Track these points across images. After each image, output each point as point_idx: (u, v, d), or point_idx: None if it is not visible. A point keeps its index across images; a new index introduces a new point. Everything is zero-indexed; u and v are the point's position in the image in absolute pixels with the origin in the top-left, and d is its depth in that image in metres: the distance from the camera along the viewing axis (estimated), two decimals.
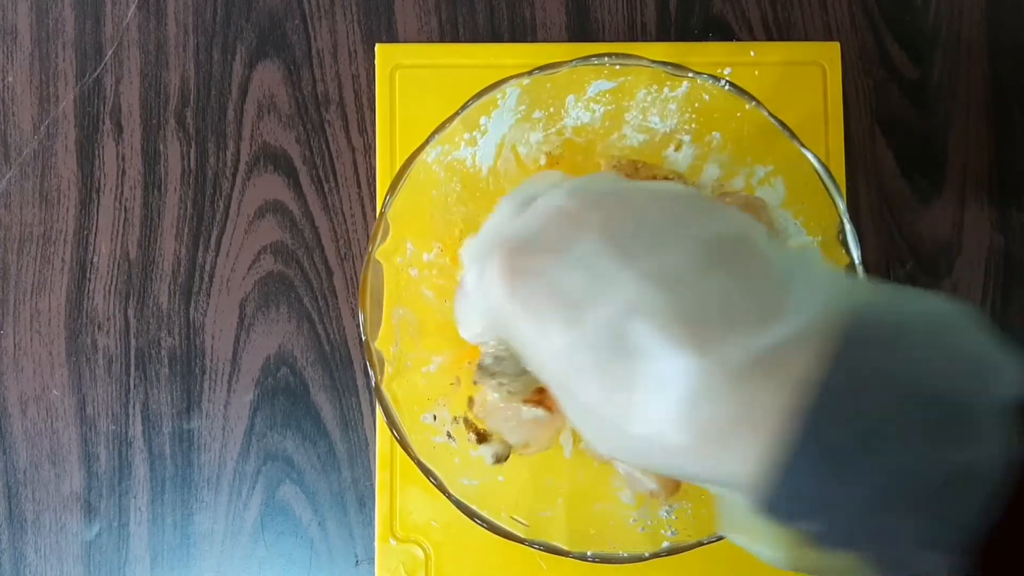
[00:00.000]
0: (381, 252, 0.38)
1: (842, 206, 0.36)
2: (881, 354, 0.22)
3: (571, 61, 0.37)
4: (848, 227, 0.36)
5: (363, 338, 0.37)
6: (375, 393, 0.37)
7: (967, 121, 0.50)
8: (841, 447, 0.22)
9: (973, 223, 0.50)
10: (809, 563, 0.25)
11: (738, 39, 0.50)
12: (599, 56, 0.37)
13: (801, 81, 0.49)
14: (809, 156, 0.37)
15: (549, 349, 0.26)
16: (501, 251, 0.27)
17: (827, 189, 0.37)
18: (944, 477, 0.21)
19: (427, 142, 0.37)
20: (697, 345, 0.23)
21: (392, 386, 0.38)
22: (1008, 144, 0.50)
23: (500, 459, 0.40)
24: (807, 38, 0.50)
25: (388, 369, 0.38)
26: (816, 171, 0.37)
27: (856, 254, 0.36)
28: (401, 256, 0.40)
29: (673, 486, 0.39)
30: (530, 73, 0.37)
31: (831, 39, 0.50)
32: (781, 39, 0.50)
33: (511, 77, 0.37)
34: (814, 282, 0.25)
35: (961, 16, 0.51)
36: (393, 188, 0.37)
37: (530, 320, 0.26)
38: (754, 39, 0.50)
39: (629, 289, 0.25)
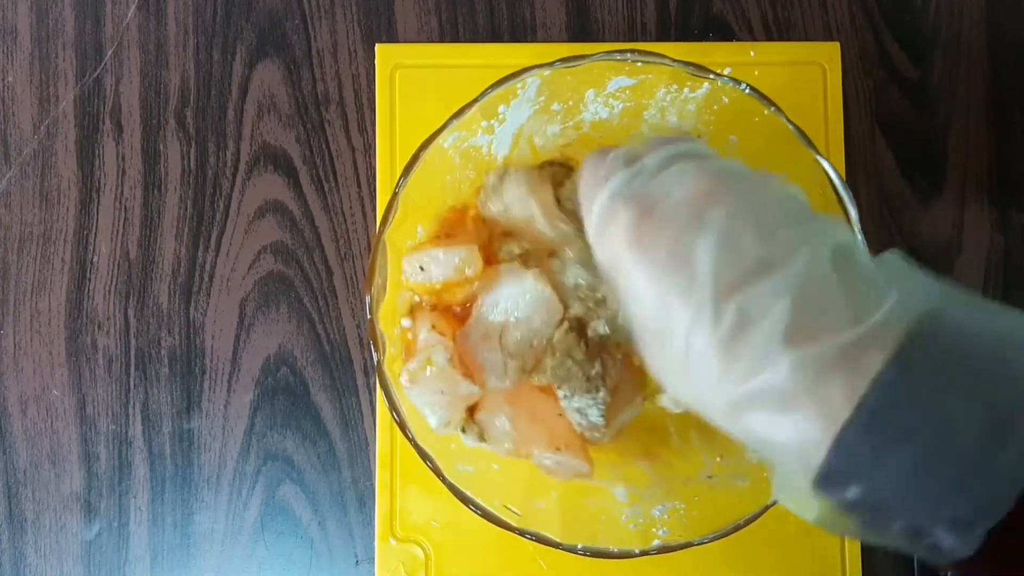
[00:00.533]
0: (391, 234, 0.38)
1: (854, 215, 0.36)
2: (943, 356, 0.25)
3: (593, 55, 0.37)
4: (859, 238, 0.36)
5: (368, 316, 0.37)
6: (376, 371, 0.37)
7: (967, 121, 0.50)
8: (889, 430, 0.25)
9: (973, 223, 0.50)
10: (845, 527, 0.28)
11: (738, 39, 0.50)
12: (622, 52, 0.37)
13: (801, 81, 0.49)
14: (825, 165, 0.37)
15: (655, 303, 0.28)
16: (630, 207, 0.29)
17: (840, 199, 0.37)
18: (976, 463, 0.24)
19: (444, 126, 0.37)
20: (795, 342, 0.26)
21: (394, 367, 0.38)
22: (1008, 144, 0.50)
23: (471, 432, 0.40)
24: (807, 38, 0.50)
25: (391, 350, 0.38)
26: (831, 180, 0.37)
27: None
28: (411, 239, 0.40)
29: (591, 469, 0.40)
30: (551, 64, 0.37)
31: (831, 39, 0.50)
32: (781, 39, 0.50)
33: (532, 67, 0.37)
34: (901, 284, 0.28)
35: (961, 16, 0.51)
36: (408, 170, 0.37)
37: (647, 274, 0.29)
38: (754, 39, 0.50)
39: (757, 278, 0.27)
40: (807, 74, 0.49)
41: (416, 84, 0.49)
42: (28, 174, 0.49)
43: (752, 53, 0.49)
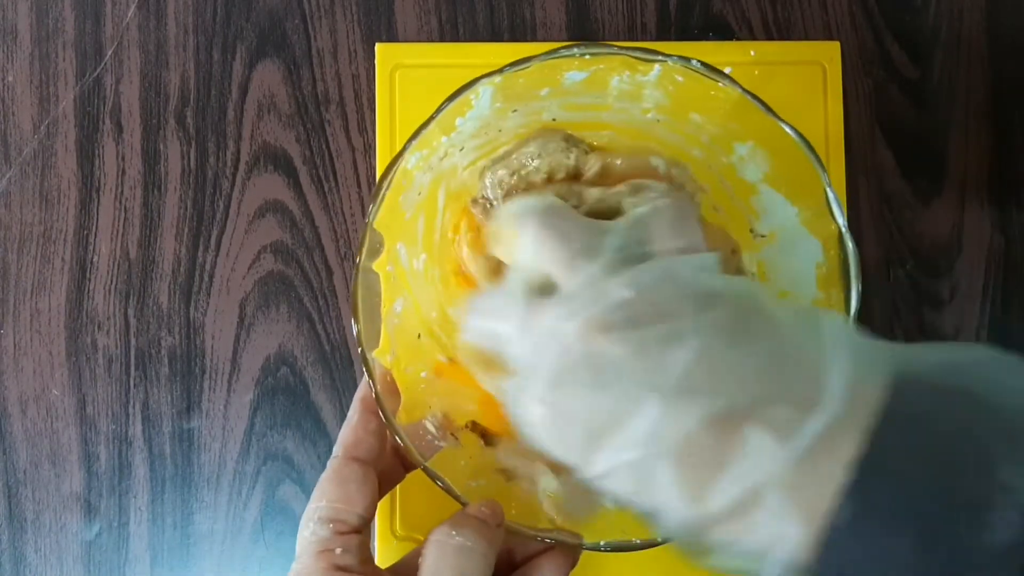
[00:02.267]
0: (369, 261, 0.38)
1: (824, 176, 0.36)
2: (914, 434, 0.24)
3: (539, 56, 0.37)
4: (831, 195, 0.36)
5: (359, 349, 0.36)
6: (376, 403, 0.37)
7: (967, 121, 0.50)
8: (879, 523, 0.23)
9: (973, 223, 0.50)
10: None
11: (738, 39, 0.50)
12: (567, 47, 0.37)
13: (801, 81, 0.49)
14: (787, 129, 0.37)
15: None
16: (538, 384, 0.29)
17: (808, 159, 0.37)
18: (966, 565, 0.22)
19: (405, 148, 0.37)
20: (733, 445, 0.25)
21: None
22: (1008, 144, 0.50)
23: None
24: (807, 38, 0.50)
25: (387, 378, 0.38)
26: (795, 143, 0.37)
27: (841, 221, 0.36)
28: (392, 264, 0.40)
29: None
30: (501, 71, 0.37)
31: (831, 39, 0.50)
32: (781, 39, 0.50)
33: (482, 76, 0.37)
34: (840, 352, 0.26)
35: (961, 16, 0.51)
36: (375, 197, 0.37)
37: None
38: (754, 39, 0.50)
39: (652, 415, 0.26)
40: (807, 74, 0.49)
41: (416, 84, 0.49)
42: (28, 174, 0.49)
43: (752, 53, 0.49)
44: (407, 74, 0.49)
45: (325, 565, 0.34)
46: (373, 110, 0.49)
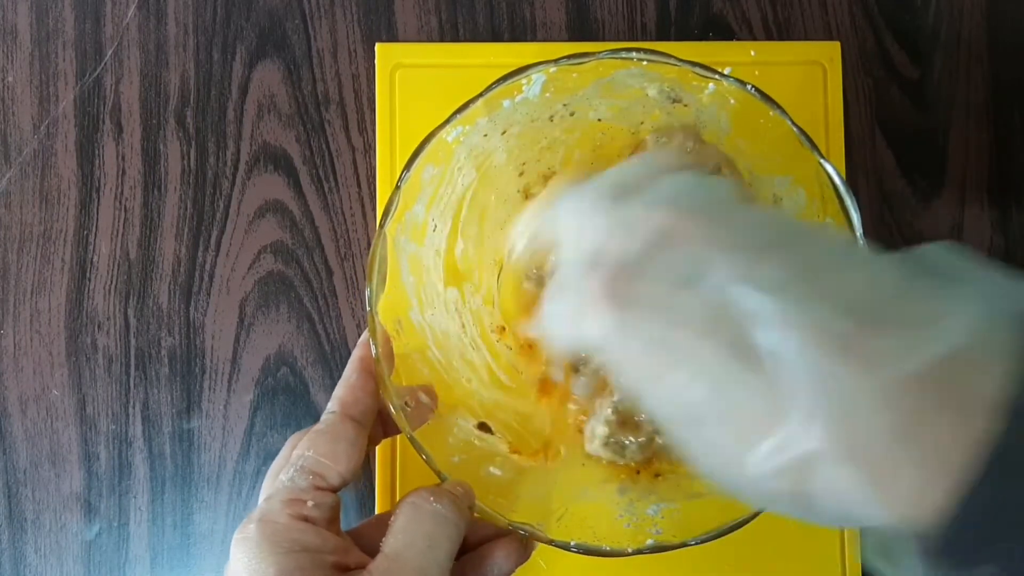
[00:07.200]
0: (393, 226, 0.38)
1: (856, 220, 0.36)
2: None
3: (599, 52, 0.37)
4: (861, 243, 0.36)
5: (368, 309, 0.36)
6: (374, 365, 0.37)
7: (967, 121, 0.50)
8: None
9: (973, 223, 0.50)
10: None
11: (738, 39, 0.50)
12: (628, 50, 0.37)
13: (801, 81, 0.49)
14: (828, 168, 0.36)
15: (668, 386, 0.24)
16: (600, 278, 0.24)
17: (842, 202, 0.36)
18: None
19: (449, 120, 0.37)
20: (846, 354, 0.20)
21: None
22: (1008, 144, 0.50)
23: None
24: (807, 38, 0.50)
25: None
26: (833, 184, 0.36)
27: None
28: (404, 231, 0.40)
29: (647, 458, 0.40)
30: (557, 61, 0.37)
31: (831, 39, 0.50)
32: (781, 39, 0.50)
33: (538, 63, 0.37)
34: (961, 282, 0.22)
35: (961, 16, 0.51)
36: (410, 163, 0.37)
37: (643, 355, 0.24)
38: (754, 39, 0.50)
39: (752, 301, 0.22)
40: (807, 74, 0.49)
41: (416, 84, 0.49)
42: (28, 174, 0.49)
43: (752, 53, 0.49)
44: (407, 74, 0.49)
45: (292, 512, 0.33)
46: (373, 110, 0.49)
